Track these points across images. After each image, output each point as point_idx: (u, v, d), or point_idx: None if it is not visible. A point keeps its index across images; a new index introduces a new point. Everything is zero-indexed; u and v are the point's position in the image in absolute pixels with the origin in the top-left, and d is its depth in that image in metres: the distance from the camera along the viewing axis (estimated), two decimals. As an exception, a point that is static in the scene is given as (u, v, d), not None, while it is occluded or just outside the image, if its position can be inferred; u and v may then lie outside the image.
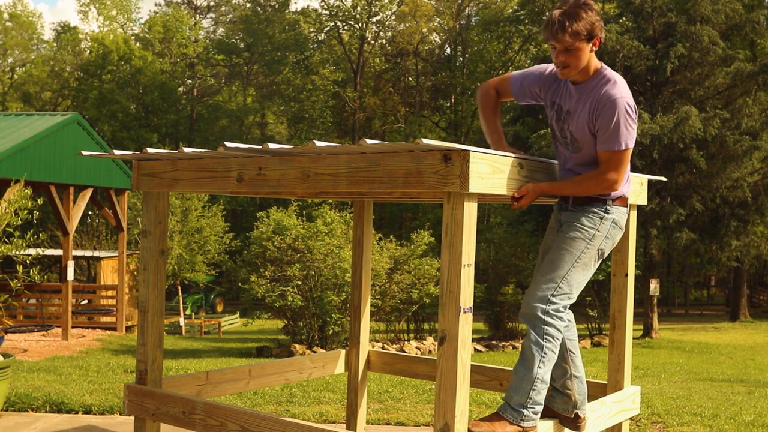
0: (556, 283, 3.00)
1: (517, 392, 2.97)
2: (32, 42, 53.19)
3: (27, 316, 17.50)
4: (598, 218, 3.05)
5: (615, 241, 3.15)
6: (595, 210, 3.05)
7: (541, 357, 2.96)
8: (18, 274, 6.52)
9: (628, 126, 2.92)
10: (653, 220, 18.67)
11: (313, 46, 45.52)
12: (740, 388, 9.62)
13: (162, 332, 3.69)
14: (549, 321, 2.98)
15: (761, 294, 35.92)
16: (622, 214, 3.13)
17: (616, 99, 2.91)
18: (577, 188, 3.01)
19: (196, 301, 29.97)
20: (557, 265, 3.01)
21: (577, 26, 2.87)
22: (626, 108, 2.92)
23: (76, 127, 15.25)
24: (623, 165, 2.97)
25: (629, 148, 2.95)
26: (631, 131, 2.94)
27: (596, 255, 3.07)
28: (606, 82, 2.96)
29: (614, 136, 2.91)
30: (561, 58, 2.93)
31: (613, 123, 2.90)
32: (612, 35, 19.11)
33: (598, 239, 3.05)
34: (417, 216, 37.12)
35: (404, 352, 13.77)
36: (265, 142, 3.47)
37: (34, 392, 6.28)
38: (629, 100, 2.95)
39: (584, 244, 3.03)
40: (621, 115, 2.90)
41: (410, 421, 5.65)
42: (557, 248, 3.05)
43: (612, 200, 3.07)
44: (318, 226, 14.65)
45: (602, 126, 2.93)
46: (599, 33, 2.94)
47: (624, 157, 2.95)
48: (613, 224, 3.08)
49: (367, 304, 4.65)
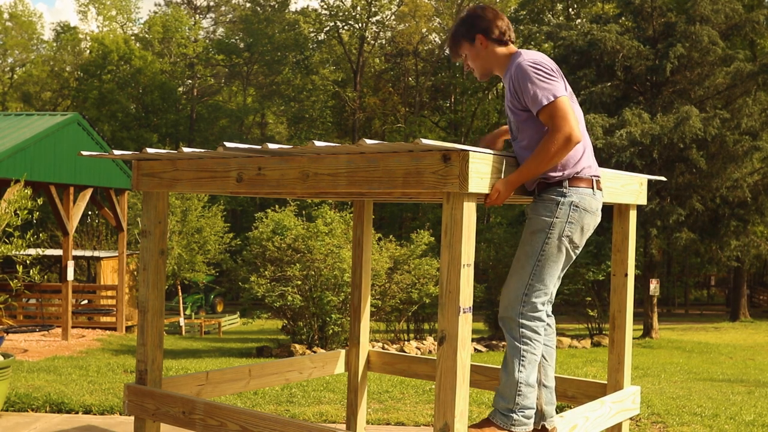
0: (524, 281, 2.93)
1: (504, 398, 2.93)
2: (32, 42, 53.20)
3: (27, 316, 17.51)
4: (554, 204, 2.93)
5: (583, 225, 2.99)
6: (551, 196, 2.94)
7: (520, 360, 2.91)
8: (18, 274, 6.52)
9: (543, 79, 2.87)
10: (653, 220, 18.66)
11: (313, 46, 45.53)
12: (740, 388, 9.62)
13: (162, 332, 3.69)
14: (524, 322, 2.92)
15: (761, 294, 35.92)
16: (586, 195, 2.97)
17: (519, 63, 2.92)
18: (539, 159, 2.83)
19: (196, 301, 29.97)
20: (522, 263, 2.95)
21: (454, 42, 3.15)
22: (531, 65, 2.90)
23: (76, 127, 15.25)
24: (565, 114, 2.82)
25: (558, 96, 2.84)
26: (550, 82, 2.87)
27: (562, 244, 2.95)
28: (513, 59, 3.01)
29: (537, 93, 2.85)
30: (467, 68, 3.19)
31: (528, 85, 2.87)
32: (612, 35, 19.11)
33: (558, 227, 2.92)
34: (417, 216, 37.13)
35: (404, 352, 13.78)
36: (265, 142, 3.47)
37: (34, 392, 6.28)
38: (534, 57, 2.94)
39: (544, 235, 2.93)
40: (530, 73, 2.88)
41: (410, 421, 5.65)
42: (521, 245, 2.99)
43: (568, 180, 2.95)
44: (318, 226, 14.65)
45: (523, 93, 2.90)
46: (477, 29, 3.08)
47: (560, 106, 2.83)
48: (573, 207, 2.94)
49: (367, 304, 4.65)
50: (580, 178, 2.98)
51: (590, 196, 3.00)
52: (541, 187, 2.98)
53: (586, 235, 3.04)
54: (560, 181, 2.95)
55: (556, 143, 2.81)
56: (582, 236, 3.01)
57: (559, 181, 2.95)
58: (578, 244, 3.02)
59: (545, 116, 2.85)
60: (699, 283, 42.86)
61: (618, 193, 3.49)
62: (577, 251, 3.05)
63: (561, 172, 2.94)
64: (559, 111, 2.83)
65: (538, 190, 2.99)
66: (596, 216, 3.05)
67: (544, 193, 2.96)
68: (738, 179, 19.35)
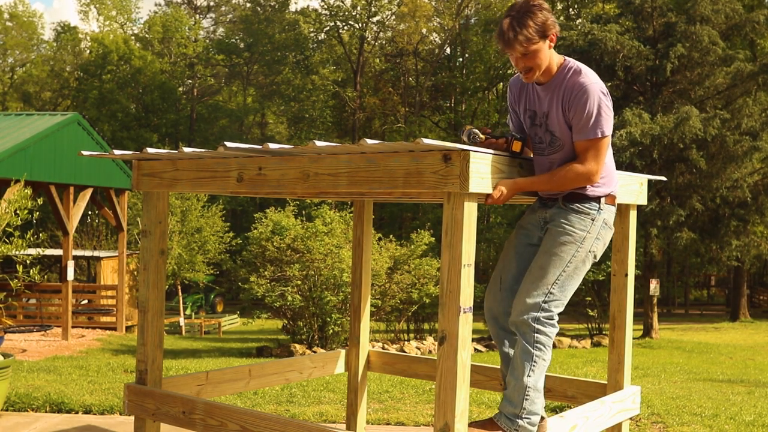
0: (547, 288, 2.92)
1: (511, 402, 2.93)
2: (32, 42, 53.19)
3: (27, 316, 17.50)
4: (590, 219, 2.94)
5: (606, 242, 3.04)
6: (587, 209, 2.94)
7: (531, 365, 2.90)
8: (18, 274, 6.52)
9: (603, 112, 2.81)
10: (653, 220, 18.67)
11: (313, 46, 45.53)
12: (740, 388, 9.62)
13: (162, 332, 3.69)
14: (540, 329, 2.92)
15: (761, 294, 35.91)
16: (612, 213, 3.03)
17: (587, 85, 2.81)
18: (555, 182, 2.84)
19: (196, 301, 29.97)
20: (547, 271, 2.92)
21: (527, 32, 2.78)
22: (600, 94, 2.82)
23: (76, 127, 15.25)
24: (601, 154, 2.82)
25: (606, 136, 2.82)
26: (606, 118, 2.82)
27: (587, 258, 2.97)
28: (573, 73, 2.87)
29: (589, 123, 2.80)
30: (521, 64, 2.87)
31: (587, 110, 2.79)
32: (612, 35, 19.10)
33: (589, 241, 2.94)
34: (417, 216, 37.11)
35: (404, 352, 13.77)
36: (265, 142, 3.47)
37: (34, 392, 6.28)
38: (601, 86, 2.86)
39: (574, 247, 2.92)
40: (594, 101, 2.79)
41: (410, 421, 5.65)
42: (546, 252, 2.95)
43: (605, 197, 2.96)
44: (317, 226, 14.65)
45: (576, 115, 2.82)
46: (552, 29, 2.83)
47: (602, 146, 2.82)
48: (603, 225, 2.98)
49: (367, 304, 4.64)
50: (612, 197, 3.04)
51: (614, 214, 3.07)
52: (576, 197, 2.95)
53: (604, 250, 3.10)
54: (599, 197, 2.96)
55: (580, 178, 2.84)
56: (602, 251, 3.08)
57: (598, 197, 2.96)
58: (598, 258, 3.07)
59: (584, 146, 2.84)
60: (699, 283, 42.86)
61: (618, 193, 3.48)
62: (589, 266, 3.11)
63: (602, 188, 2.96)
64: (600, 151, 2.84)
65: (569, 199, 2.95)
66: (613, 232, 3.11)
67: (578, 204, 2.95)
68: (738, 179, 19.35)
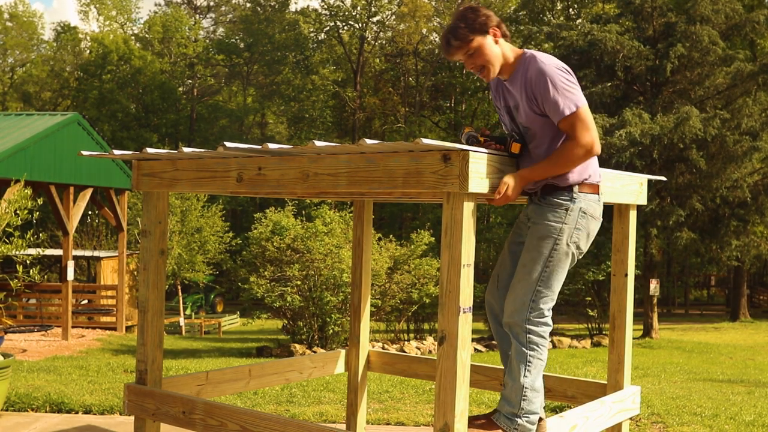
0: (532, 287, 2.92)
1: (509, 402, 2.93)
2: (32, 42, 53.18)
3: (27, 316, 17.50)
4: (564, 210, 2.90)
5: (590, 231, 2.98)
6: (560, 200, 2.90)
7: (526, 365, 2.91)
8: (18, 274, 6.52)
9: (567, 87, 2.81)
10: (653, 220, 18.66)
11: (313, 46, 45.53)
12: (740, 388, 9.62)
13: (162, 332, 3.69)
14: (531, 328, 2.92)
15: (761, 294, 35.90)
16: (592, 202, 2.96)
17: (543, 68, 2.83)
18: (557, 161, 2.81)
19: (196, 301, 29.97)
20: (530, 269, 2.92)
21: (460, 32, 2.87)
22: (556, 71, 2.84)
23: (76, 127, 15.25)
24: (587, 124, 2.80)
25: (581, 106, 2.81)
26: (573, 91, 2.82)
27: (569, 250, 2.93)
28: (530, 62, 2.88)
29: (560, 102, 2.79)
30: (470, 64, 2.94)
31: (551, 91, 2.80)
32: (612, 35, 19.10)
33: (566, 233, 2.91)
34: (417, 216, 37.11)
35: (404, 352, 13.78)
36: (265, 142, 3.47)
37: (34, 392, 6.28)
38: (557, 63, 2.88)
39: (552, 241, 2.90)
40: (555, 80, 2.81)
41: (410, 421, 5.65)
42: (527, 250, 2.96)
43: (578, 185, 2.92)
44: (317, 226, 14.65)
45: (544, 100, 2.82)
46: (490, 23, 2.89)
47: (583, 116, 2.80)
48: (581, 214, 2.92)
49: (367, 304, 4.65)
50: (588, 184, 2.96)
51: (596, 203, 2.99)
52: (547, 190, 2.93)
53: (590, 241, 3.03)
54: (570, 186, 2.92)
55: (579, 151, 2.80)
56: (587, 242, 3.01)
57: (570, 186, 2.92)
58: (583, 249, 3.01)
59: (567, 125, 2.82)
60: (699, 283, 42.86)
61: (618, 193, 3.48)
62: (581, 256, 3.05)
63: (572, 176, 2.91)
64: (584, 121, 2.81)
65: (543, 193, 2.94)
66: (599, 222, 3.04)
67: (551, 197, 2.92)
68: (738, 179, 19.35)
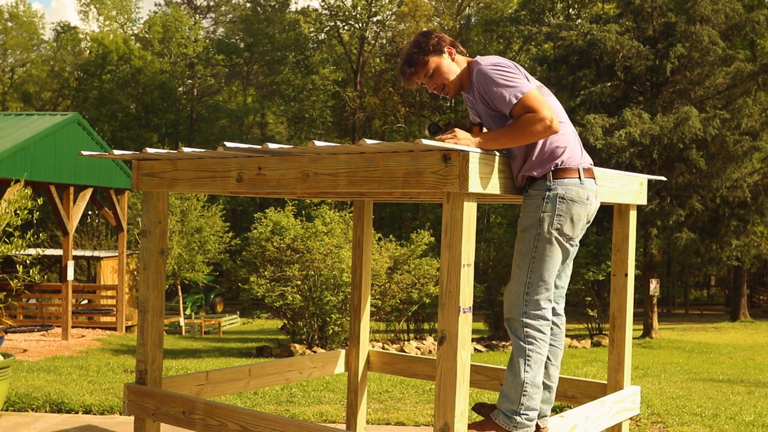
0: (523, 280, 2.92)
1: (508, 399, 2.93)
2: (32, 42, 53.18)
3: (27, 316, 17.50)
4: (540, 198, 2.90)
5: (573, 215, 2.93)
6: (537, 191, 2.91)
7: (525, 360, 2.90)
8: (18, 274, 6.52)
9: (507, 78, 2.87)
10: (653, 220, 18.66)
11: (313, 46, 45.51)
12: (740, 388, 9.62)
13: (162, 332, 3.69)
14: (528, 322, 2.91)
15: (761, 294, 35.91)
16: (571, 185, 2.93)
17: (481, 69, 2.94)
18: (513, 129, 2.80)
19: (196, 301, 29.97)
20: (519, 262, 2.94)
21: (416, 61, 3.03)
22: (492, 67, 2.92)
23: (76, 127, 15.25)
24: (537, 103, 2.80)
25: (527, 92, 2.83)
26: (513, 80, 2.87)
27: (552, 237, 2.91)
28: (473, 68, 3.02)
29: (506, 95, 2.84)
30: (431, 86, 3.09)
31: (495, 87, 2.87)
32: (612, 35, 19.11)
33: (547, 220, 2.89)
34: (417, 216, 37.11)
35: (404, 352, 13.76)
36: (265, 142, 3.47)
37: (34, 392, 6.28)
38: (492, 60, 2.97)
39: (533, 231, 2.91)
40: (495, 76, 2.89)
41: (410, 421, 5.65)
42: (515, 244, 2.99)
43: (551, 172, 2.91)
44: (317, 226, 14.65)
45: (492, 98, 2.90)
46: (444, 43, 3.05)
47: (531, 100, 2.81)
48: (560, 200, 2.90)
49: (367, 304, 4.65)
50: (565, 169, 2.95)
51: (577, 186, 2.95)
52: (528, 183, 2.96)
53: (579, 226, 2.99)
54: (545, 175, 2.92)
55: (532, 120, 2.79)
56: (574, 227, 2.96)
57: (544, 176, 2.92)
58: (571, 235, 2.97)
59: (519, 110, 2.83)
60: (699, 283, 42.87)
61: (618, 193, 3.48)
62: (572, 243, 3.01)
63: (544, 167, 2.92)
64: (532, 102, 2.82)
65: (526, 187, 2.97)
66: (587, 205, 2.98)
67: (531, 189, 2.94)
68: (738, 179, 19.35)
